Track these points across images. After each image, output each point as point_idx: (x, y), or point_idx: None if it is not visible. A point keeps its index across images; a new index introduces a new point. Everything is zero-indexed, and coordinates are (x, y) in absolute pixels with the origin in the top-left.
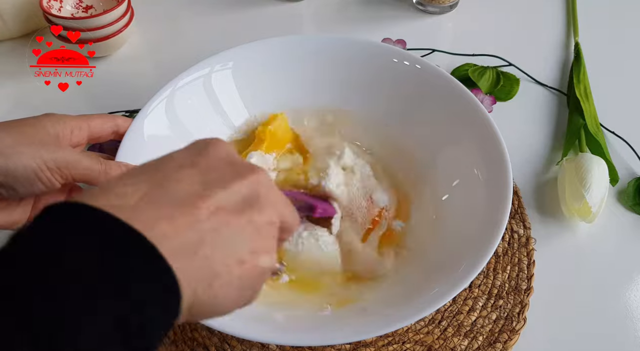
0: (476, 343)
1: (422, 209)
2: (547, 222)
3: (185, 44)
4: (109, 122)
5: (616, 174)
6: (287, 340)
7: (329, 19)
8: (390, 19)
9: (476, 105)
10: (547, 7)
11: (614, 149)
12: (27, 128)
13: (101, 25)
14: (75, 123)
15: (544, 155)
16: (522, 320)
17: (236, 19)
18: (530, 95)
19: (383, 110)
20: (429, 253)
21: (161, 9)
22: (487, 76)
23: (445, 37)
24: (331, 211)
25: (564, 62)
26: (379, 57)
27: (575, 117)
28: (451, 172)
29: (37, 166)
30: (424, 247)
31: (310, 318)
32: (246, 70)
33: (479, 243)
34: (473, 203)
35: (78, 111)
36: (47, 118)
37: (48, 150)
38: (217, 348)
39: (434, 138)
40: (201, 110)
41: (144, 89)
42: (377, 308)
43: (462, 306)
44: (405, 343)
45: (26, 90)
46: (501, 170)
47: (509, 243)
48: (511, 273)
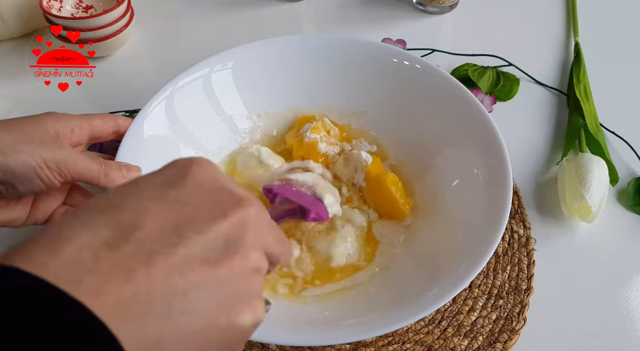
0: (476, 343)
1: (422, 209)
2: (547, 222)
3: (185, 43)
4: (110, 122)
5: (616, 174)
6: (287, 340)
7: (328, 19)
8: (390, 19)
9: (476, 105)
10: (547, 7)
11: (614, 149)
12: (27, 127)
13: (101, 25)
14: (75, 122)
15: (544, 155)
16: (522, 320)
17: (236, 18)
18: (530, 95)
19: (383, 110)
20: (429, 252)
21: (161, 8)
22: (487, 76)
23: (445, 37)
24: (324, 216)
25: (564, 62)
26: (379, 57)
27: (575, 117)
28: (451, 172)
29: (37, 164)
30: (423, 246)
31: (311, 318)
32: (246, 70)
33: (478, 243)
34: (473, 203)
35: (78, 111)
36: (47, 117)
37: (48, 149)
38: None
39: (433, 138)
40: (201, 110)
41: (144, 89)
42: (377, 308)
43: (462, 306)
44: (405, 343)
45: (26, 90)
46: (501, 170)
47: (509, 243)
48: (511, 273)
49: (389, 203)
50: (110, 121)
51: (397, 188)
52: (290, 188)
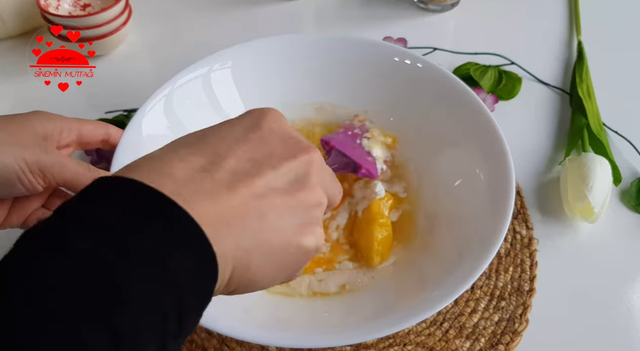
0: (478, 345)
1: (424, 209)
2: (550, 222)
3: (184, 42)
4: (101, 129)
5: (619, 174)
6: (287, 342)
7: (329, 17)
8: (392, 18)
9: (478, 104)
10: (550, 5)
11: (616, 149)
12: (13, 127)
13: (99, 24)
14: (65, 124)
15: (546, 154)
16: (525, 322)
17: (235, 17)
18: (532, 94)
19: (384, 109)
20: (431, 254)
21: (160, 6)
22: (489, 75)
23: (447, 35)
24: (374, 173)
25: (567, 60)
26: (380, 56)
27: (578, 117)
28: (453, 172)
29: (20, 168)
30: (425, 248)
31: (311, 320)
32: (245, 69)
33: (481, 244)
34: (475, 204)
35: (78, 111)
36: (36, 117)
37: (33, 153)
38: (216, 350)
39: (435, 138)
40: (200, 109)
41: (143, 88)
42: (378, 310)
43: (464, 307)
44: (406, 345)
45: (26, 90)
46: (503, 170)
47: (512, 244)
48: (513, 274)
49: (365, 243)
50: (102, 128)
51: (382, 235)
52: (346, 143)
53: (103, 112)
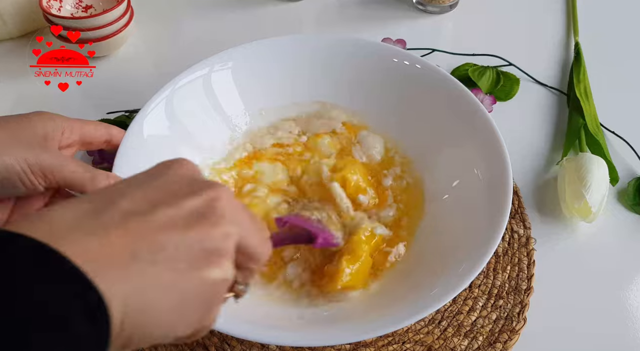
0: (476, 343)
1: (422, 209)
2: (547, 222)
3: (185, 43)
4: (103, 130)
5: (616, 174)
6: (287, 340)
7: (328, 18)
8: (390, 19)
9: (476, 105)
10: (548, 6)
11: (614, 149)
12: (14, 127)
13: (101, 25)
14: (67, 124)
15: (544, 154)
16: (522, 320)
17: (236, 18)
18: (530, 95)
19: (383, 110)
20: (429, 253)
21: (161, 8)
22: (487, 76)
23: (445, 36)
24: (332, 241)
25: (564, 61)
26: (379, 57)
27: (575, 117)
28: (451, 172)
29: (21, 169)
30: (423, 247)
31: (311, 319)
32: (246, 69)
33: (479, 243)
34: (473, 204)
35: (78, 111)
36: (37, 117)
37: (34, 153)
38: (217, 348)
39: (433, 138)
40: (201, 110)
41: (144, 89)
42: (377, 308)
43: (462, 306)
44: (405, 343)
45: (26, 90)
46: (501, 170)
47: (509, 243)
48: (511, 273)
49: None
50: (103, 129)
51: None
52: (301, 219)
53: (105, 113)
